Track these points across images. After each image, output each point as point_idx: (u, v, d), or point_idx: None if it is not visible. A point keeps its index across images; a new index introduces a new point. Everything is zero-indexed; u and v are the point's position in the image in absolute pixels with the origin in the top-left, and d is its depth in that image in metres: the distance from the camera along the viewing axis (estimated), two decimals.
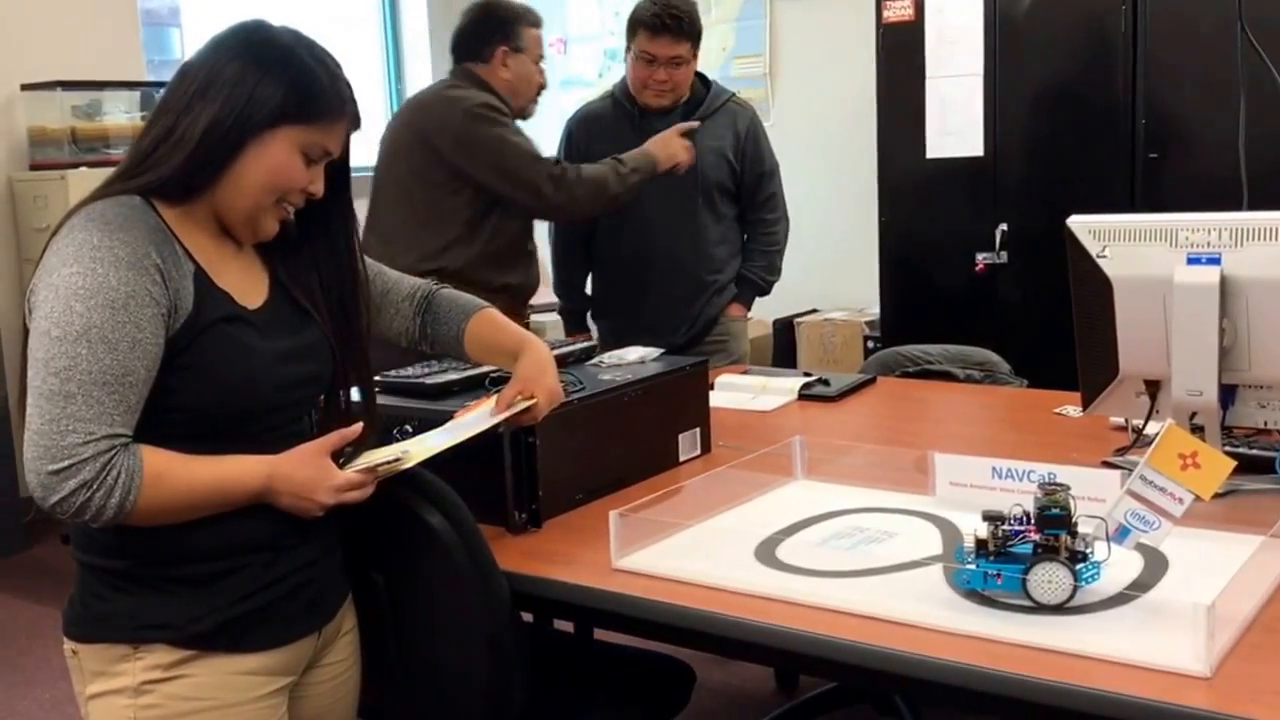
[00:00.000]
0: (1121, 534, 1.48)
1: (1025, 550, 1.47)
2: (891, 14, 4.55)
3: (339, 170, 1.59)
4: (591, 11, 6.22)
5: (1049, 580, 1.44)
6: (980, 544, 1.48)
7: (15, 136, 4.82)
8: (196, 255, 1.48)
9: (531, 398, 1.74)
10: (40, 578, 4.26)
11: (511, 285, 3.05)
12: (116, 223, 1.41)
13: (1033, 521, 1.48)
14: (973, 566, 1.48)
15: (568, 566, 1.71)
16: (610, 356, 2.28)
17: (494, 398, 1.78)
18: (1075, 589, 1.43)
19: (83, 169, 4.71)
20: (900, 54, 4.54)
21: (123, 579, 1.47)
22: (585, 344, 2.35)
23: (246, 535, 1.49)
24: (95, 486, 1.35)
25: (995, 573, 1.46)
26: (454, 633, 1.65)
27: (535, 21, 3.16)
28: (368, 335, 1.70)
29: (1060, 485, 1.49)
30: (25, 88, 4.74)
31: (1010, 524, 1.48)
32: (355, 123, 1.56)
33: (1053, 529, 1.46)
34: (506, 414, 1.73)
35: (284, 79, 1.48)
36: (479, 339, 1.82)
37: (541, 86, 3.18)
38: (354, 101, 1.55)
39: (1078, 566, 1.44)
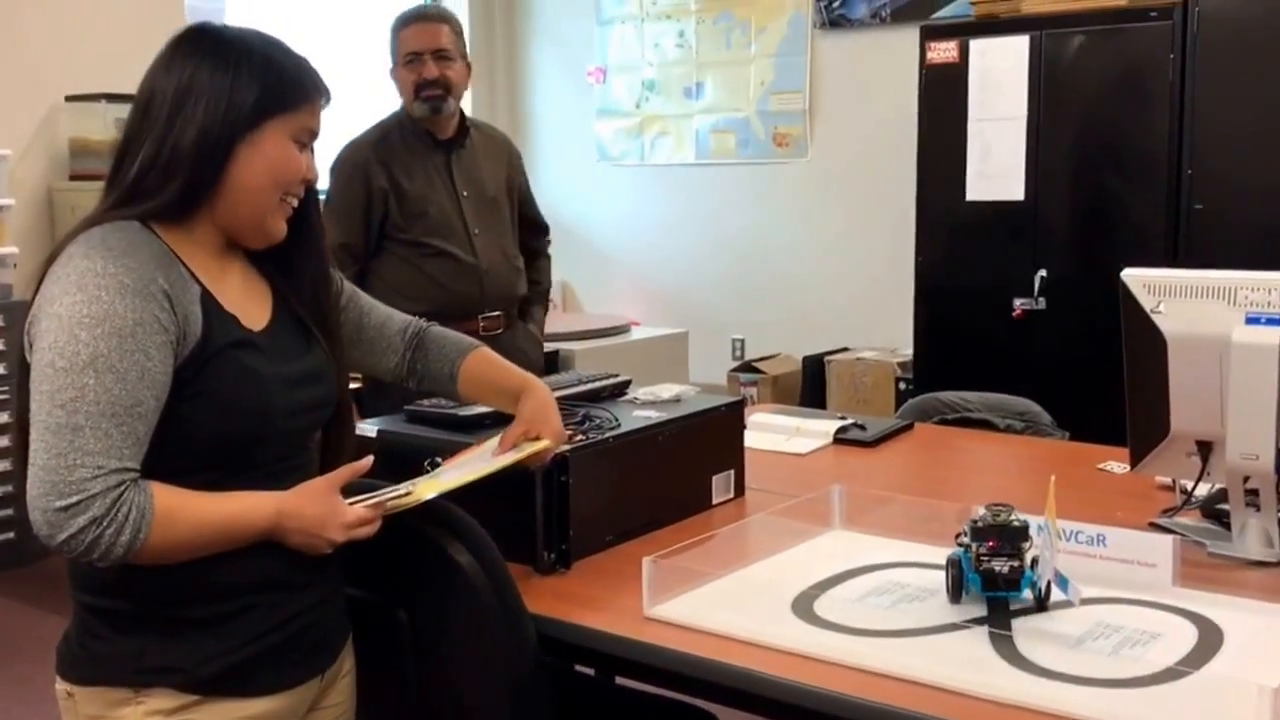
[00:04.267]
0: (1061, 582, 1.53)
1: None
2: (935, 55, 4.51)
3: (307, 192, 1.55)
4: (630, 41, 6.20)
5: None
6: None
7: (57, 147, 4.82)
8: (201, 277, 1.43)
9: (537, 439, 1.69)
10: (52, 589, 4.22)
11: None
12: (119, 249, 1.36)
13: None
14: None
15: (598, 612, 1.65)
16: (645, 392, 2.22)
17: (495, 439, 1.73)
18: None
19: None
20: (943, 95, 4.49)
21: (125, 619, 1.41)
22: (619, 379, 2.30)
23: (256, 574, 1.43)
24: (105, 523, 1.29)
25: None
26: (478, 674, 1.60)
27: (396, 26, 3.08)
28: (349, 364, 1.67)
29: (1005, 506, 1.61)
30: (69, 99, 4.74)
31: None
32: (328, 97, 1.53)
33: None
34: (516, 455, 1.68)
35: (255, 73, 1.44)
36: (475, 377, 1.77)
37: (417, 85, 3.03)
38: (320, 76, 1.52)
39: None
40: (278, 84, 1.45)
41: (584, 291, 6.54)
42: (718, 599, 1.65)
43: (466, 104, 6.31)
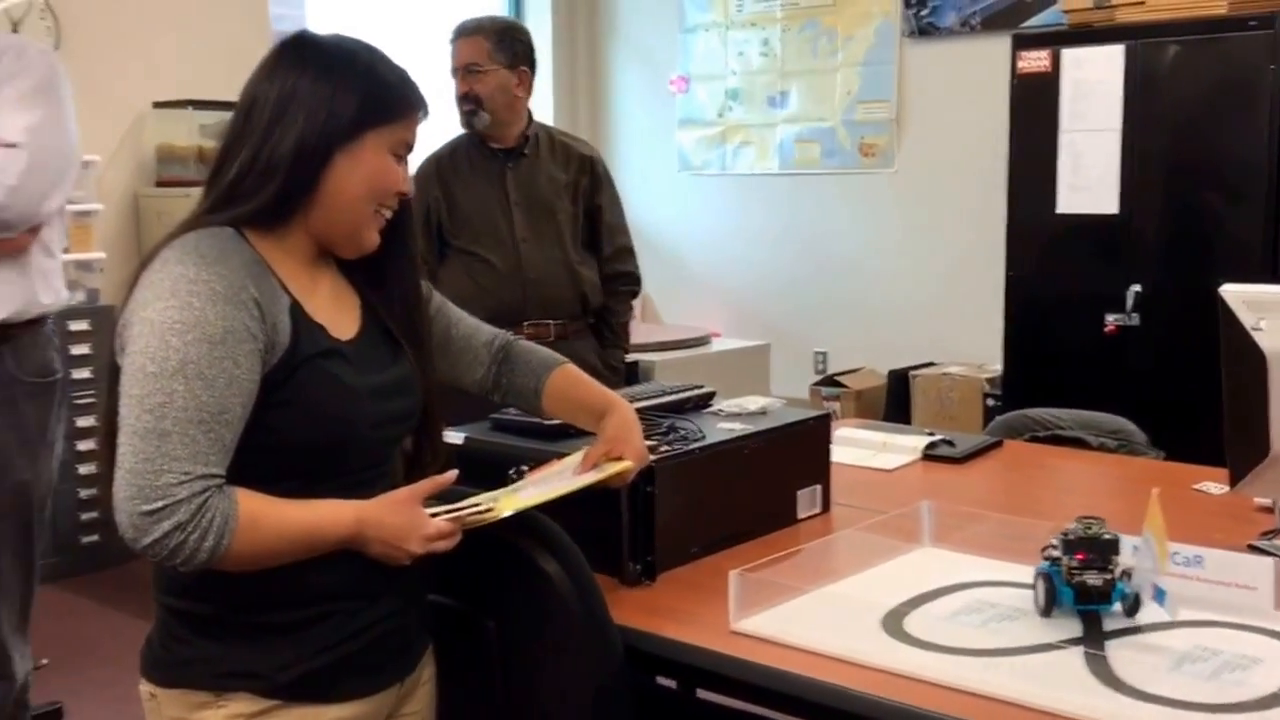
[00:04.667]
0: (1158, 594, 1.53)
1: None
2: (1027, 64, 4.48)
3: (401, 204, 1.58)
4: (714, 50, 6.23)
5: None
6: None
7: (144, 153, 4.96)
8: (290, 286, 1.47)
9: (620, 458, 1.71)
10: (133, 592, 4.33)
11: None
12: (211, 255, 1.39)
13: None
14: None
15: (683, 624, 1.67)
16: (730, 405, 2.24)
17: (577, 455, 1.75)
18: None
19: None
20: (1034, 105, 4.46)
21: (207, 624, 1.45)
22: (702, 390, 2.32)
23: (336, 582, 1.46)
24: (190, 529, 1.32)
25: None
26: (563, 684, 1.62)
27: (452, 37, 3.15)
28: (436, 374, 1.69)
29: (1096, 519, 1.62)
30: (156, 105, 4.88)
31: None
32: (426, 111, 1.56)
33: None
34: (598, 475, 1.70)
35: (357, 84, 1.48)
36: (560, 395, 1.79)
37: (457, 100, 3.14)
38: (420, 89, 1.55)
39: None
40: (379, 95, 1.49)
41: (663, 302, 6.58)
42: (805, 614, 1.66)
43: (546, 113, 6.37)
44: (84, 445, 4.23)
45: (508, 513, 1.55)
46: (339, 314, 1.53)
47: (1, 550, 2.40)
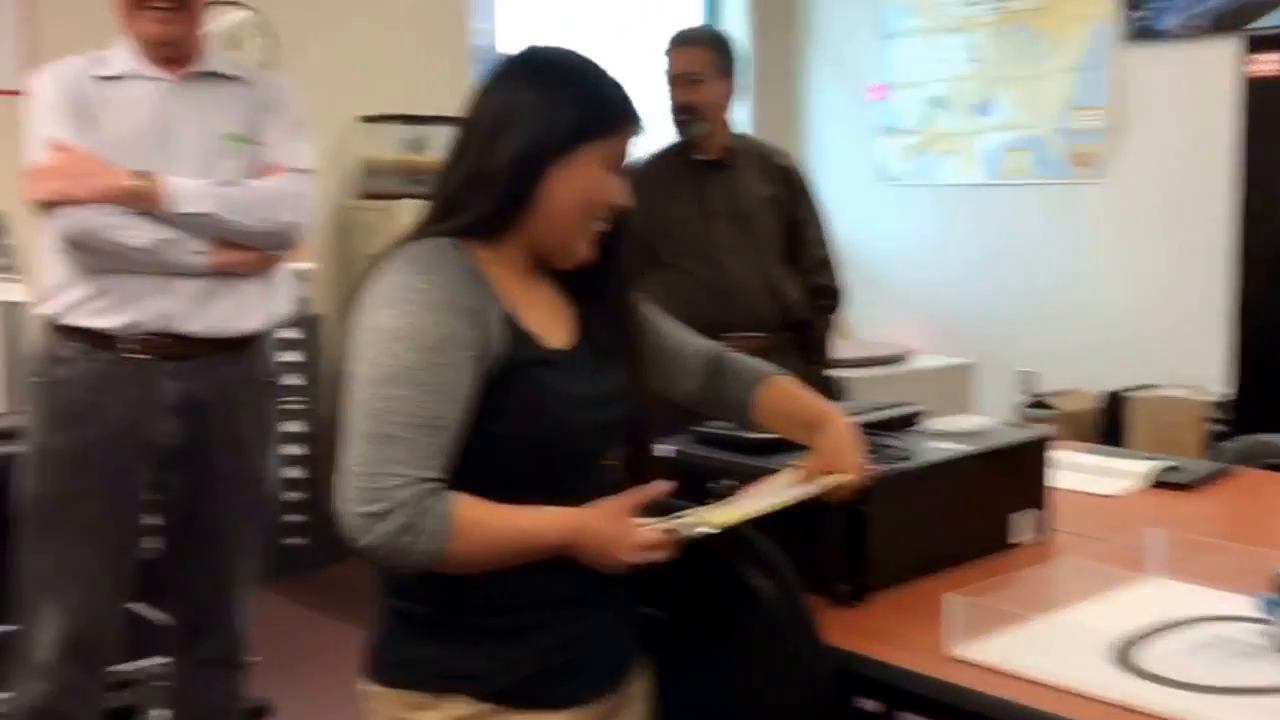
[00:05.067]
0: None
1: None
2: (1259, 67, 4.28)
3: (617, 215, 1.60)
4: (916, 56, 6.14)
5: None
6: None
7: (350, 166, 5.18)
8: (506, 296, 1.51)
9: (835, 473, 1.69)
10: (336, 596, 4.50)
11: None
12: (431, 265, 1.46)
13: None
14: None
15: (895, 648, 1.65)
16: (941, 423, 2.20)
17: (790, 469, 1.74)
18: None
19: (410, 200, 5.01)
20: (1266, 111, 4.25)
21: (428, 625, 1.50)
22: (912, 408, 2.29)
23: (553, 589, 1.50)
24: (409, 531, 1.37)
25: None
26: (771, 703, 1.62)
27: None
28: (649, 386, 1.70)
29: None
30: (362, 120, 5.08)
31: None
32: (642, 126, 1.58)
33: None
34: (814, 489, 1.68)
35: (576, 97, 1.51)
36: (773, 407, 1.79)
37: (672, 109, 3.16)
38: (637, 105, 1.57)
39: None
40: (597, 109, 1.53)
41: (860, 317, 6.50)
42: (1026, 642, 1.62)
43: (740, 121, 6.38)
44: (289, 450, 4.42)
45: (719, 526, 1.56)
46: (552, 324, 1.57)
47: (244, 543, 2.56)
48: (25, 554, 2.39)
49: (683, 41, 3.20)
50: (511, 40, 5.98)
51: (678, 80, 3.13)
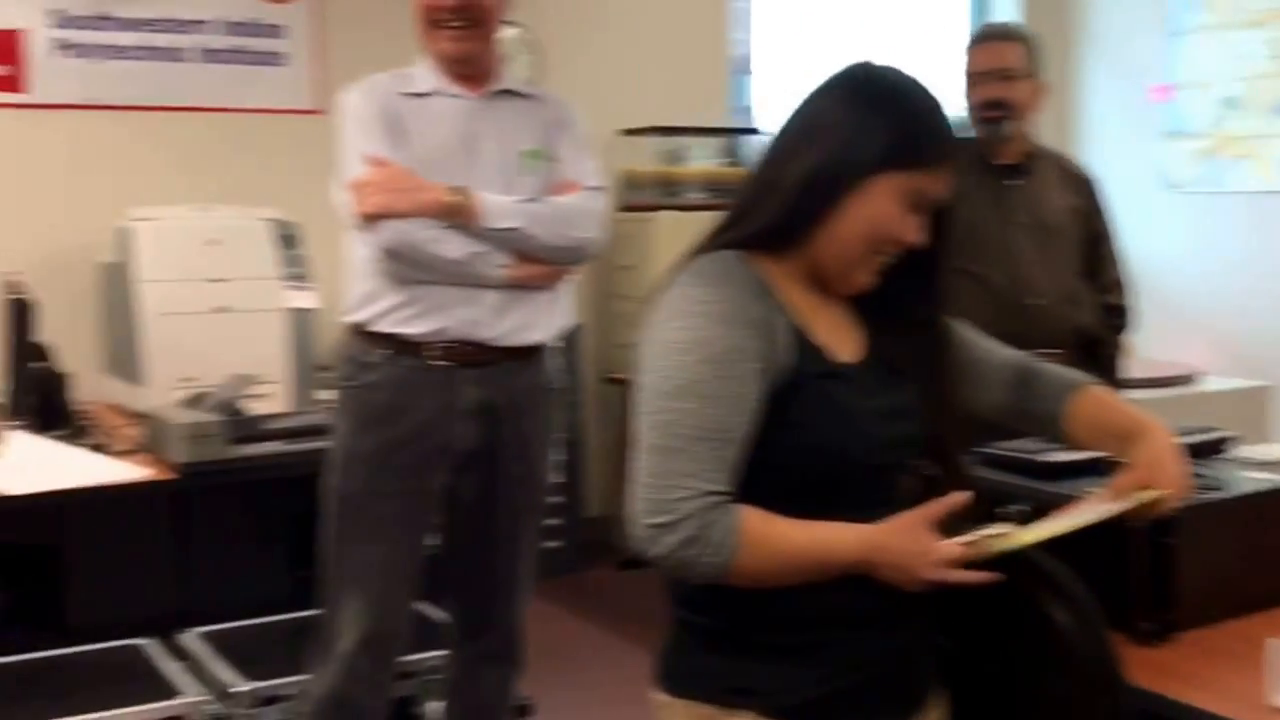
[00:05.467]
0: None
1: None
2: None
3: (939, 219, 1.55)
4: (1207, 53, 5.82)
5: None
6: None
7: (610, 179, 5.28)
8: (793, 308, 1.50)
9: (1153, 488, 1.59)
10: (591, 600, 4.60)
11: None
12: (718, 277, 1.46)
13: None
14: None
15: (1207, 694, 1.57)
16: (1251, 451, 2.08)
17: (1098, 493, 1.65)
18: None
19: (667, 212, 5.08)
20: None
21: (715, 638, 1.51)
22: (1217, 433, 2.16)
23: (845, 606, 1.48)
24: (695, 544, 1.39)
25: None
26: None
27: (967, 47, 3.05)
28: (956, 401, 1.64)
29: None
30: (622, 133, 5.18)
31: None
32: (955, 168, 1.52)
33: None
34: (1126, 505, 1.59)
35: (890, 122, 1.47)
36: (1087, 418, 1.68)
37: (977, 106, 3.05)
38: (956, 144, 1.52)
39: None
40: (907, 139, 1.48)
41: (1143, 334, 6.20)
42: None
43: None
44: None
45: (1027, 542, 1.49)
46: (840, 337, 1.55)
47: (524, 545, 2.67)
48: (328, 547, 2.54)
49: (996, 36, 3.14)
50: (768, 51, 5.99)
51: (987, 76, 3.05)
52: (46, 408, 3.47)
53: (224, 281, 3.80)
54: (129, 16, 4.37)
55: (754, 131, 5.68)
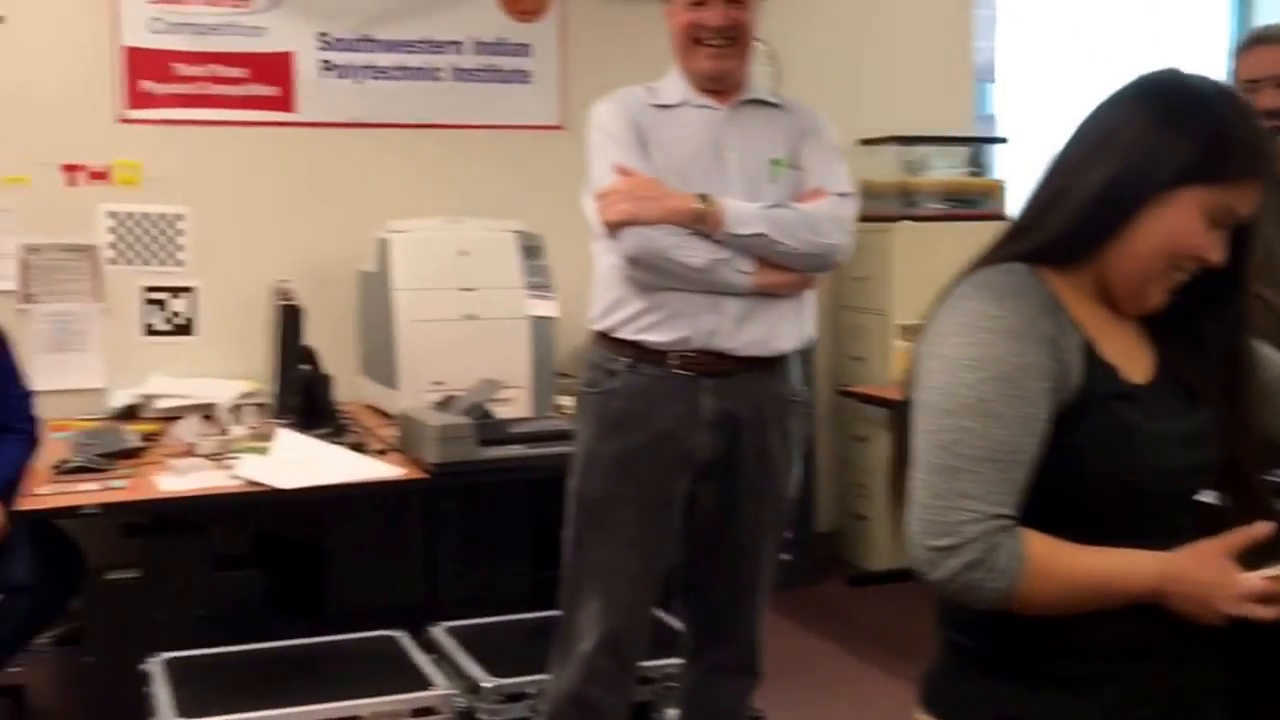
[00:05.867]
0: None
1: None
2: None
3: (1240, 236, 1.46)
4: None
5: None
6: None
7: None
8: (1082, 324, 1.43)
9: None
10: (822, 615, 4.57)
11: None
12: (1006, 291, 1.40)
13: None
14: None
15: None
16: None
17: None
18: None
19: (905, 222, 5.02)
20: None
21: (992, 663, 1.46)
22: None
23: (1133, 637, 1.41)
24: (978, 568, 1.34)
25: None
26: None
27: (1234, 51, 2.81)
28: (1257, 425, 1.55)
29: None
30: (862, 142, 5.14)
31: None
32: (1267, 184, 1.43)
33: None
34: None
35: (1196, 133, 1.39)
36: None
37: None
38: (1273, 158, 1.43)
39: None
40: (1216, 153, 1.40)
41: None
42: None
43: None
44: None
45: None
46: (1131, 355, 1.48)
47: (765, 556, 2.68)
48: (571, 550, 2.60)
49: (1273, 39, 2.99)
50: (1013, 58, 5.85)
51: (1264, 82, 2.91)
52: (310, 407, 3.68)
53: (472, 290, 3.96)
54: (388, 38, 4.60)
55: (999, 140, 5.56)
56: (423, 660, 3.08)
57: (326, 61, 4.53)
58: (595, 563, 2.56)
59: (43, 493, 3.14)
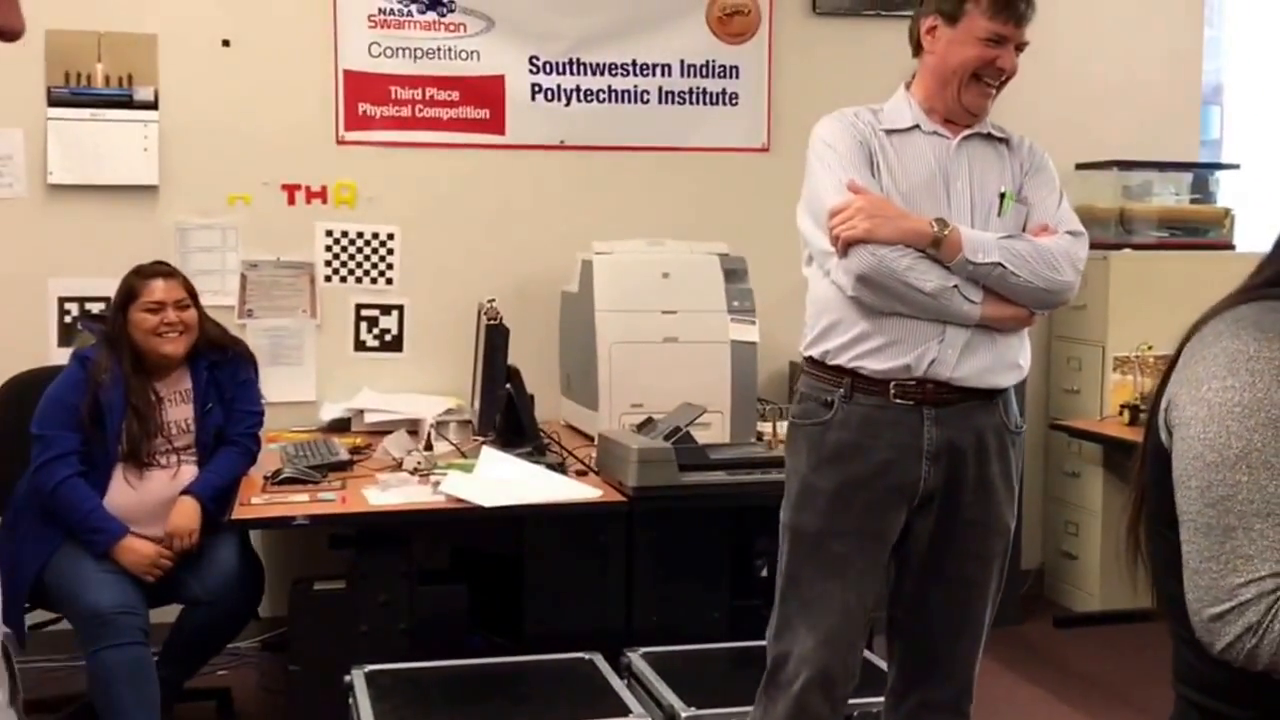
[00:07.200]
0: None
1: None
2: None
3: None
4: None
5: None
6: None
7: None
8: None
9: None
10: (1027, 656, 4.41)
11: None
12: (1274, 330, 1.30)
13: None
14: None
15: None
16: None
17: None
18: None
19: (1126, 250, 4.81)
20: None
21: None
22: None
23: None
24: (1258, 632, 1.24)
25: None
26: None
27: None
28: None
29: None
30: (1079, 167, 4.95)
31: None
32: None
33: None
34: None
35: None
36: None
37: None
38: None
39: None
40: None
41: None
42: None
43: None
44: None
45: None
46: None
47: (984, 591, 2.58)
48: (784, 583, 2.55)
49: None
50: (1241, 81, 5.57)
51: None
52: (512, 426, 3.72)
53: (674, 313, 3.94)
54: (597, 60, 4.64)
55: (1226, 166, 5.28)
56: (619, 685, 3.06)
57: (536, 85, 4.60)
58: (810, 597, 2.50)
59: (255, 502, 3.24)
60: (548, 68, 4.60)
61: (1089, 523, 4.88)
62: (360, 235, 4.50)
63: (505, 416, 3.74)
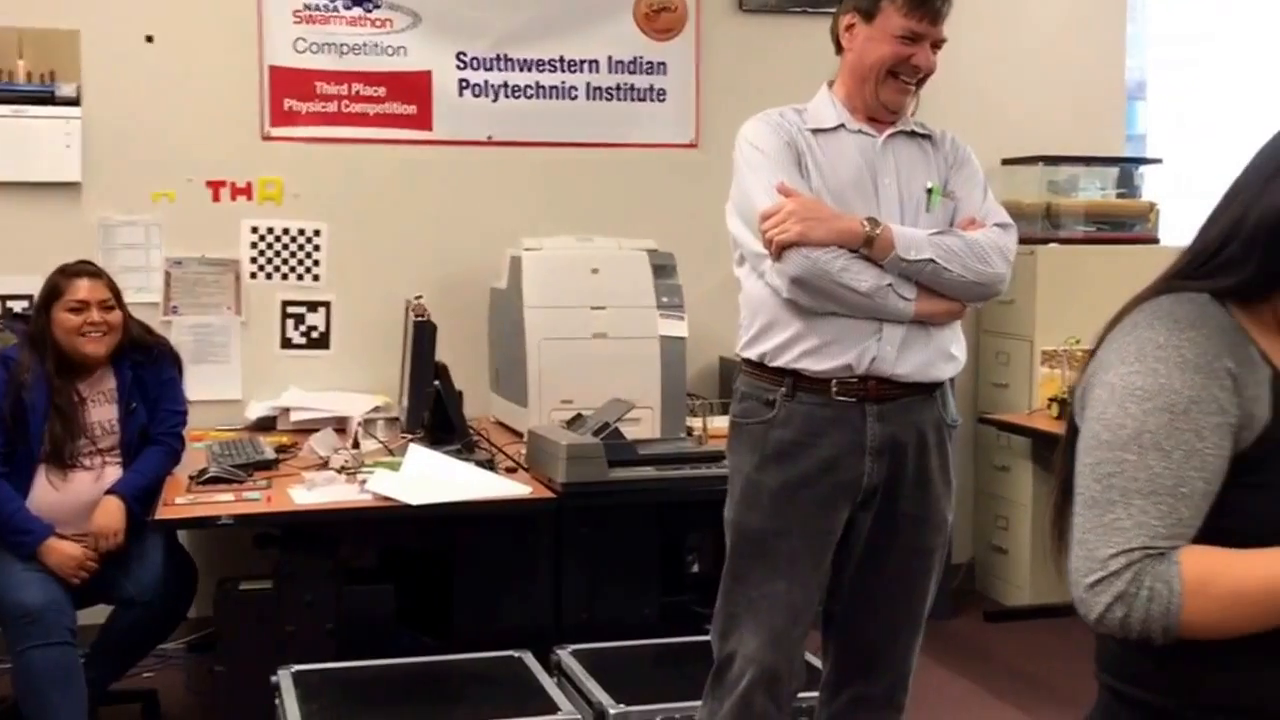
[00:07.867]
0: None
1: None
2: None
3: None
4: None
5: None
6: None
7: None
8: (1274, 358, 1.34)
9: None
10: (957, 650, 4.45)
11: None
12: (1185, 321, 1.33)
13: None
14: None
15: None
16: None
17: None
18: None
19: (1052, 245, 4.88)
20: None
21: (1150, 713, 1.37)
22: None
23: None
24: (1125, 600, 1.27)
25: None
26: None
27: None
28: None
29: None
30: (1005, 162, 5.01)
31: None
32: None
33: None
34: None
35: None
36: None
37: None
38: None
39: None
40: None
41: None
42: None
43: None
44: None
45: None
46: None
47: (921, 585, 2.60)
48: (729, 582, 2.56)
49: None
50: (1162, 77, 5.67)
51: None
52: (440, 423, 3.71)
53: (603, 309, 3.95)
54: (525, 57, 4.63)
55: (1150, 161, 5.37)
56: (549, 683, 3.06)
57: (464, 80, 4.58)
58: (756, 596, 2.50)
59: (180, 502, 3.21)
60: (475, 63, 4.59)
61: (1019, 516, 4.94)
62: (286, 232, 4.47)
63: (434, 414, 3.73)
